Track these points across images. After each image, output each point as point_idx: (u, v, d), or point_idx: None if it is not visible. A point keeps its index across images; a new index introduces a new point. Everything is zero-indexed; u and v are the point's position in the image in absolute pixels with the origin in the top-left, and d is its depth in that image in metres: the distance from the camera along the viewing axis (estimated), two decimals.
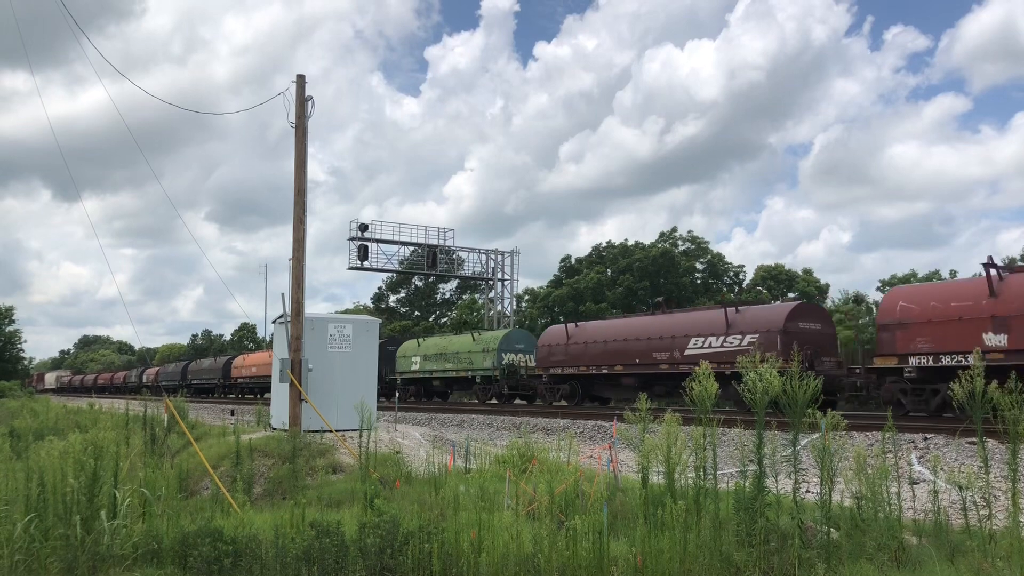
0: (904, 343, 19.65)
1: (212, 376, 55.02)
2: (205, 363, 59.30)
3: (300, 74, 15.73)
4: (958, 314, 18.75)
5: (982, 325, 18.21)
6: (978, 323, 18.28)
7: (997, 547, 6.32)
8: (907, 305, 19.94)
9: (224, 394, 49.23)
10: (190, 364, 63.26)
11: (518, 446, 11.53)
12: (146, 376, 69.75)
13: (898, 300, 20.34)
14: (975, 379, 6.65)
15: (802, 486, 7.11)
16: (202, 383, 54.46)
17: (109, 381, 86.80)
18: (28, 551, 6.96)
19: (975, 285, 19.08)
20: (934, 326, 19.11)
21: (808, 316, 24.71)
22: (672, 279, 62.71)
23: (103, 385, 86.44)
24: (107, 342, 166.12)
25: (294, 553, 6.85)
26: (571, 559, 6.49)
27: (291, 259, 15.66)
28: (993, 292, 18.23)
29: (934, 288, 21.09)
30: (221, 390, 51.62)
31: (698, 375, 7.11)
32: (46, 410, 30.59)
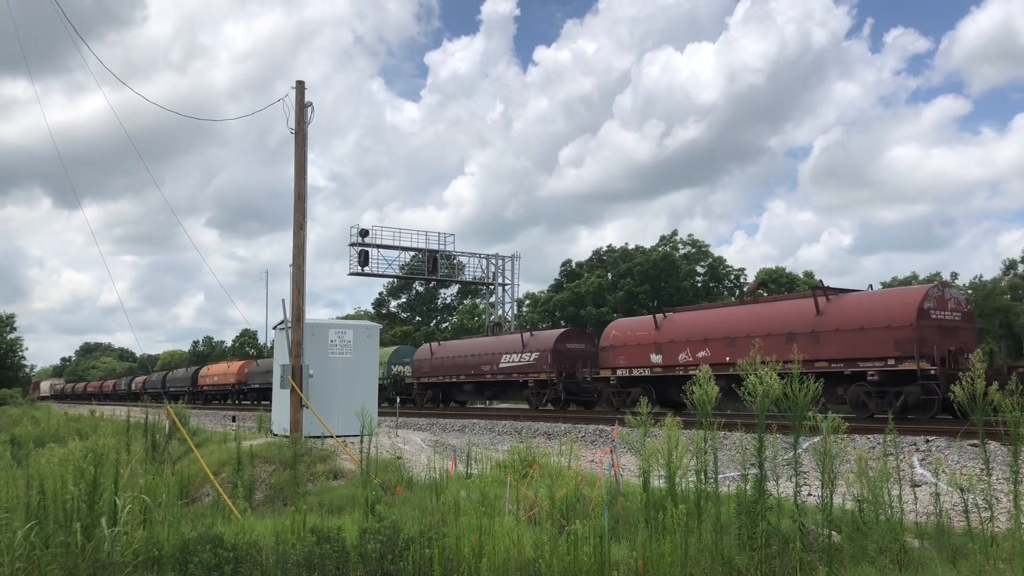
0: (613, 360, 28.45)
1: (184, 384, 62.32)
2: (179, 373, 68.35)
3: (300, 80, 15.77)
4: (638, 341, 27.78)
5: (650, 349, 27.19)
6: (648, 348, 27.29)
7: (999, 549, 6.30)
8: (616, 334, 28.88)
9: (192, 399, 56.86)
10: (168, 374, 71.61)
11: (519, 451, 11.52)
12: (134, 384, 77.87)
13: (612, 331, 29.42)
14: (976, 382, 6.64)
15: (803, 489, 7.10)
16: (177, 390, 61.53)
17: (99, 389, 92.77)
18: (28, 559, 6.95)
19: (647, 322, 28.08)
20: (628, 349, 28.00)
21: (573, 338, 32.96)
22: (673, 283, 62.72)
23: (92, 392, 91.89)
24: (108, 349, 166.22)
25: (295, 559, 6.84)
26: (572, 564, 6.48)
27: (292, 265, 15.67)
28: (657, 327, 27.36)
29: (628, 323, 29.90)
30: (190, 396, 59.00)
31: (698, 379, 7.10)
32: (47, 417, 30.57)
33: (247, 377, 53.84)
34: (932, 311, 20.66)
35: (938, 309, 20.92)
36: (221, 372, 58.14)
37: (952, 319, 21.07)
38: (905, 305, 20.75)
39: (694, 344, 25.73)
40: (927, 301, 20.60)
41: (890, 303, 21.43)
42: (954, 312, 21.23)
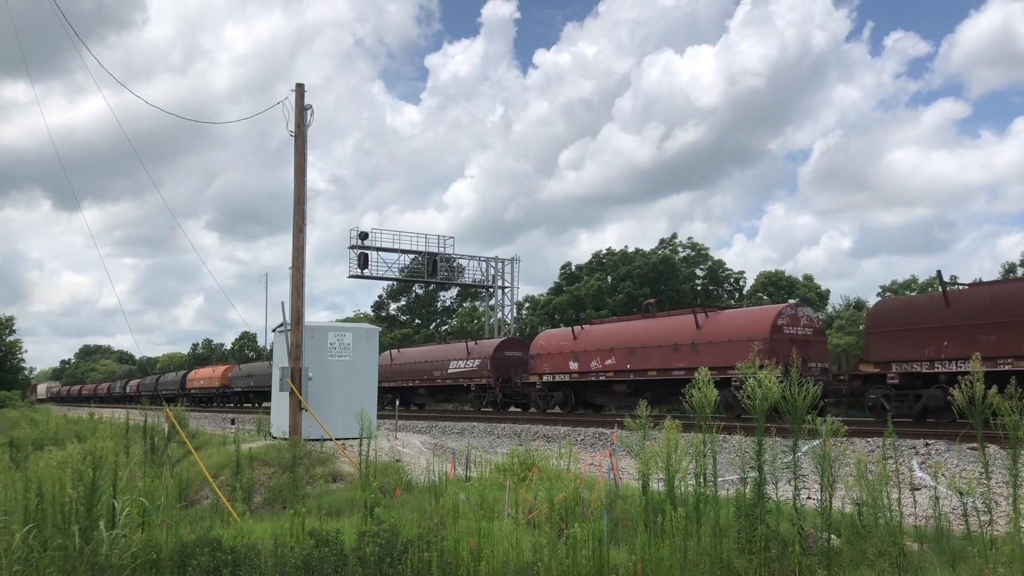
0: (539, 367, 32.06)
1: (174, 387, 66.12)
2: (169, 376, 72.56)
3: (299, 83, 15.79)
4: (559, 350, 31.25)
5: (569, 357, 30.70)
6: (567, 356, 30.77)
7: (998, 553, 6.29)
8: (542, 343, 32.61)
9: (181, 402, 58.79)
10: (160, 378, 75.35)
11: (518, 454, 11.51)
12: (128, 387, 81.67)
13: (539, 341, 33.14)
14: (975, 385, 6.64)
15: (802, 493, 7.09)
16: (168, 393, 64.31)
17: (93, 391, 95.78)
18: (27, 561, 6.94)
19: (567, 334, 31.57)
20: (551, 357, 31.48)
21: (511, 347, 36.14)
22: (672, 286, 62.73)
23: (87, 395, 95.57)
24: (108, 352, 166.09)
25: (293, 562, 6.83)
26: (571, 567, 6.47)
27: (291, 268, 15.67)
28: (575, 338, 30.85)
29: (552, 334, 33.75)
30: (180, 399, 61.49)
31: (698, 382, 7.10)
32: (46, 420, 30.57)
33: (230, 381, 56.90)
34: (785, 327, 24.40)
35: (791, 325, 24.64)
36: (207, 376, 61.73)
37: (804, 333, 24.88)
38: (762, 322, 24.49)
39: (603, 353, 29.25)
40: (780, 319, 24.31)
41: (752, 319, 25.33)
42: (806, 328, 25.10)
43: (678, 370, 25.81)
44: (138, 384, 79.38)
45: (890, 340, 20.69)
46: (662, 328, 27.54)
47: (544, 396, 31.81)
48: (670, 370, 26.28)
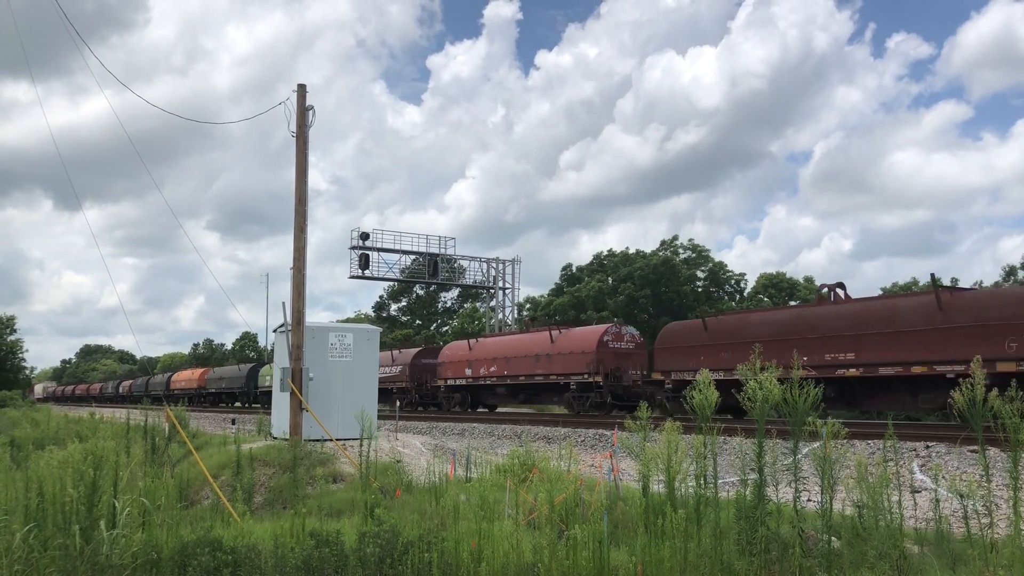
0: (444, 373, 37.76)
1: (160, 388, 70.74)
2: (157, 378, 77.43)
3: (301, 84, 15.79)
4: (459, 359, 37.16)
5: (465, 365, 36.63)
6: (464, 364, 36.70)
7: (999, 556, 6.29)
8: (447, 353, 38.84)
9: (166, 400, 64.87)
10: (150, 379, 79.88)
11: (519, 455, 11.51)
12: (121, 388, 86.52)
13: (445, 350, 39.38)
14: (975, 388, 6.64)
15: (803, 495, 7.09)
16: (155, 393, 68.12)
17: (86, 392, 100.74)
18: (27, 561, 6.94)
19: (465, 345, 37.79)
20: (453, 364, 37.33)
21: (427, 355, 41.22)
22: (673, 287, 62.72)
23: (80, 395, 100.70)
24: (109, 351, 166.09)
25: (293, 563, 6.83)
26: (571, 568, 6.47)
27: (292, 268, 15.68)
28: (470, 349, 36.90)
29: (454, 345, 39.88)
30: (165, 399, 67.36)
31: (698, 384, 7.11)
32: (47, 420, 30.58)
33: (205, 383, 62.47)
34: (610, 342, 30.03)
35: (615, 341, 30.25)
36: (187, 378, 67.56)
37: (626, 348, 30.41)
38: (592, 338, 30.32)
39: (489, 362, 35.18)
40: (606, 335, 30.11)
41: (585, 336, 31.11)
42: (628, 343, 30.62)
43: (539, 375, 32.28)
44: (130, 385, 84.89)
45: (669, 355, 26.65)
46: (528, 342, 33.99)
47: (448, 397, 37.55)
48: (533, 375, 32.65)
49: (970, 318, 19.31)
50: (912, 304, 21.11)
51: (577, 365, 30.23)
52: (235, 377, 57.16)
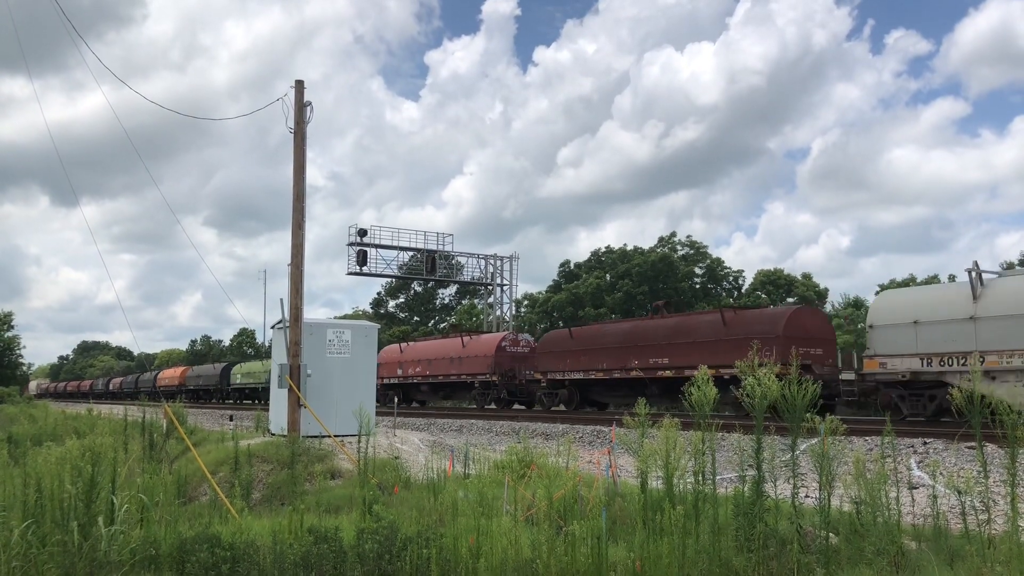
0: (381, 372, 38.89)
1: (148, 385, 74.78)
2: (146, 376, 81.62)
3: (299, 79, 15.77)
4: (392, 360, 42.26)
5: (396, 366, 41.63)
6: (395, 365, 41.61)
7: (996, 552, 6.30)
8: (384, 354, 41.66)
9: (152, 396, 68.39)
10: (139, 376, 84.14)
11: (517, 451, 11.51)
12: (111, 385, 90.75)
13: (383, 352, 41.92)
14: (974, 382, 6.65)
15: (801, 491, 7.10)
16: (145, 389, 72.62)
17: (77, 388, 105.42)
18: (25, 557, 6.94)
19: (397, 348, 43.78)
20: (387, 365, 41.83)
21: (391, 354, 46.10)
22: (671, 284, 62.73)
23: (71, 392, 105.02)
24: (106, 348, 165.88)
25: (292, 559, 6.83)
26: (570, 565, 6.48)
27: (290, 264, 15.66)
28: (401, 352, 42.94)
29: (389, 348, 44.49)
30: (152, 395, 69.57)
31: (697, 380, 7.11)
32: (44, 416, 30.54)
33: (185, 380, 68.20)
34: (507, 347, 36.04)
35: (512, 346, 36.24)
36: (170, 376, 72.70)
37: (521, 352, 36.00)
38: (493, 343, 36.54)
39: (415, 364, 41.22)
40: (504, 341, 36.50)
41: (487, 341, 37.40)
42: (523, 348, 36.31)
43: (453, 375, 38.36)
44: (120, 382, 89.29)
45: (546, 358, 32.33)
46: (446, 346, 39.94)
47: (384, 395, 40.39)
48: (449, 375, 38.69)
49: (740, 332, 24.66)
50: (705, 320, 26.97)
51: (480, 367, 36.29)
52: (210, 375, 62.73)
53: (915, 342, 20.06)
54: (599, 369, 29.21)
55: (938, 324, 19.62)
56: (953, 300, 19.72)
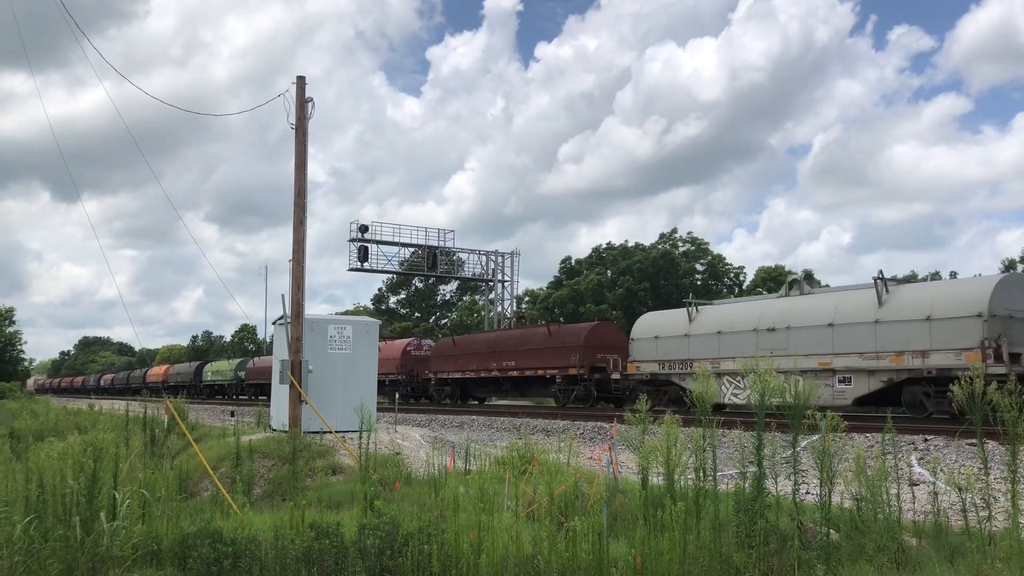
0: None
1: (138, 381, 79.25)
2: (136, 373, 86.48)
3: (300, 75, 15.75)
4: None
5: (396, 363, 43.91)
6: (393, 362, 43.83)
7: (997, 549, 6.31)
8: None
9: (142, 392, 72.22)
10: (131, 373, 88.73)
11: (518, 447, 11.52)
12: (103, 381, 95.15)
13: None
14: (975, 382, 6.65)
15: (802, 488, 7.12)
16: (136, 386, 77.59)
17: (71, 384, 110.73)
18: (28, 552, 6.96)
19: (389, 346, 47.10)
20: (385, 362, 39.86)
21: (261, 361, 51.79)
22: (672, 280, 62.71)
23: (65, 388, 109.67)
24: (107, 343, 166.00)
25: (294, 554, 6.85)
26: (571, 560, 6.49)
27: (291, 260, 15.67)
28: None
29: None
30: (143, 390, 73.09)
31: (698, 376, 7.12)
32: (46, 411, 30.57)
33: (168, 377, 72.85)
34: (412, 351, 42.92)
35: (416, 350, 43.07)
36: (156, 374, 77.87)
37: (424, 355, 42.23)
38: (399, 347, 43.00)
39: None
40: (409, 346, 43.32)
41: (397, 346, 43.46)
42: (425, 351, 42.51)
43: None
44: (112, 378, 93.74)
45: (437, 360, 39.66)
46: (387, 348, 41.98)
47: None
48: None
49: (559, 342, 32.32)
50: (539, 332, 35.02)
51: (391, 367, 41.54)
52: (187, 373, 69.76)
53: (656, 352, 26.92)
54: (472, 370, 37.05)
55: (668, 339, 26.58)
56: (678, 322, 26.74)
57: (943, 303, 19.69)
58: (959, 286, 21.30)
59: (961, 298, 19.47)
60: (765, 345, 22.68)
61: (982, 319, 18.54)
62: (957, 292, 20.02)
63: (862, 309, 21.21)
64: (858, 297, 21.76)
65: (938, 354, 19.06)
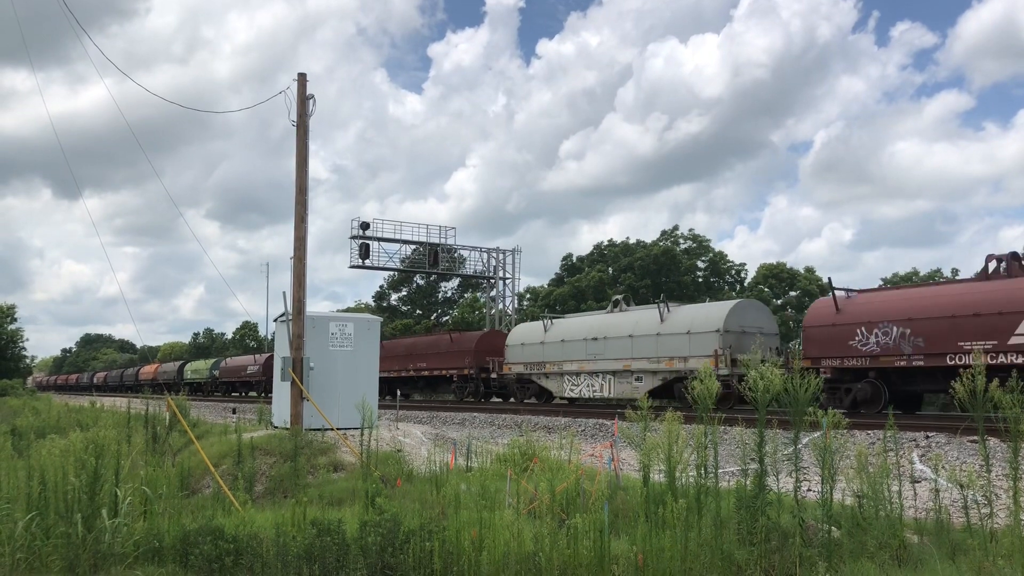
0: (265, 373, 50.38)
1: (132, 379, 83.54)
2: (129, 371, 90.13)
3: (301, 72, 15.74)
4: None
5: None
6: None
7: (998, 546, 6.31)
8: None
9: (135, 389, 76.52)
10: (125, 371, 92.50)
11: (519, 444, 11.52)
12: (96, 378, 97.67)
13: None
14: (976, 378, 6.64)
15: (803, 485, 7.11)
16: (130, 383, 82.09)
17: (65, 381, 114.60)
18: (30, 549, 6.97)
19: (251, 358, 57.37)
20: None
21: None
22: (674, 277, 62.69)
23: (61, 384, 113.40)
24: (109, 341, 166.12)
25: (295, 551, 6.85)
26: (572, 557, 6.49)
27: (292, 257, 15.67)
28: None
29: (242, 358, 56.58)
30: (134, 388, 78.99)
31: (699, 374, 7.11)
32: (48, 408, 30.60)
33: (158, 376, 75.84)
34: None
35: None
36: (147, 372, 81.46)
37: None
38: None
39: None
40: None
41: None
42: None
43: None
44: (105, 376, 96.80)
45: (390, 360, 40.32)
46: None
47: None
48: None
49: (458, 347, 37.97)
50: (444, 338, 41.00)
51: None
52: (172, 371, 74.39)
53: (522, 356, 32.97)
54: (395, 370, 41.19)
55: (530, 346, 32.59)
56: (536, 332, 32.87)
57: (699, 321, 25.71)
58: (708, 308, 27.22)
59: (708, 317, 25.56)
60: (591, 352, 29.24)
61: (719, 333, 24.71)
62: (706, 313, 26.23)
63: (651, 325, 27.29)
64: (649, 315, 27.86)
65: (694, 359, 25.01)
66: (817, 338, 21.21)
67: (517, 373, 33.30)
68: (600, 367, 28.68)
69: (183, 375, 70.91)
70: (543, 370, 31.51)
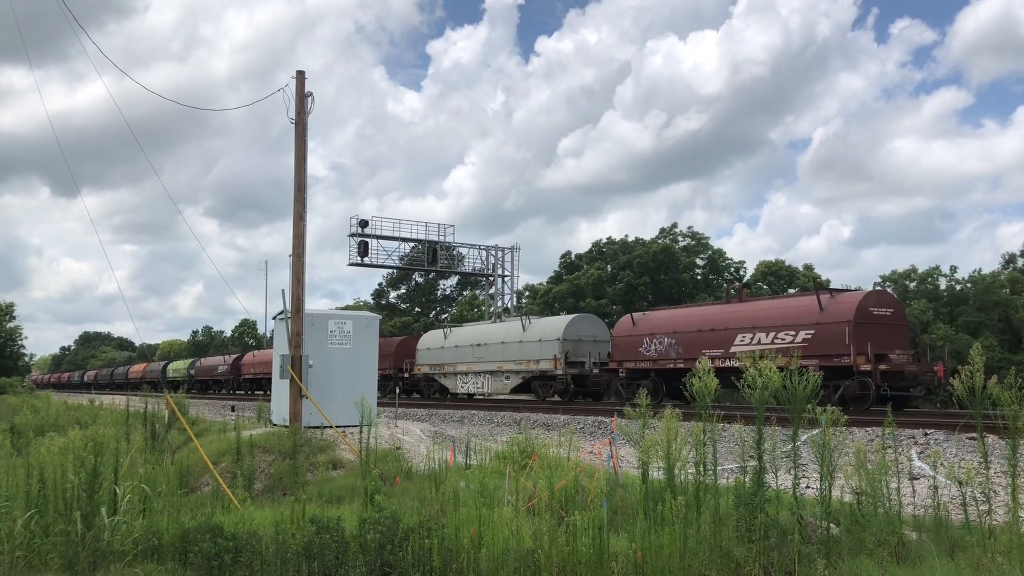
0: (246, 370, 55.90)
1: (122, 377, 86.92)
2: (120, 369, 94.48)
3: (300, 70, 15.73)
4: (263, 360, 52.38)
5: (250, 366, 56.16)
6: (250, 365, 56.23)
7: (997, 542, 6.32)
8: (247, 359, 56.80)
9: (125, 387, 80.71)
10: (114, 370, 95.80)
11: (518, 442, 11.53)
12: (86, 377, 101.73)
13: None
14: (975, 375, 6.65)
15: (802, 482, 7.12)
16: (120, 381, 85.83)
17: (57, 380, 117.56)
18: (29, 547, 6.97)
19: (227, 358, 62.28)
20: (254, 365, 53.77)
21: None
22: (672, 275, 62.73)
23: (53, 383, 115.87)
24: (108, 339, 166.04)
25: (294, 549, 6.85)
26: (571, 555, 6.50)
27: (291, 255, 15.66)
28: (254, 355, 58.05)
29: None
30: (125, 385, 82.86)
31: (698, 371, 7.12)
32: (47, 406, 30.58)
33: (146, 374, 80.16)
34: None
35: None
36: (136, 370, 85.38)
37: None
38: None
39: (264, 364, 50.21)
40: None
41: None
42: None
43: None
44: (95, 374, 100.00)
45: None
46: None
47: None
48: None
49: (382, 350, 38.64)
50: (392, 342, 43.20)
51: None
52: (156, 371, 78.87)
53: (428, 358, 39.23)
54: None
55: (435, 350, 38.93)
56: (439, 338, 39.55)
57: (548, 331, 32.44)
58: (554, 321, 34.38)
59: (553, 327, 32.46)
60: (476, 355, 35.93)
61: (560, 341, 31.23)
62: (551, 324, 33.31)
63: (516, 333, 33.99)
64: (516, 326, 34.72)
65: (544, 361, 31.84)
66: (620, 345, 27.91)
67: (424, 373, 39.73)
68: (482, 368, 35.52)
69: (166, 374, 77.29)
70: (443, 371, 38.06)
